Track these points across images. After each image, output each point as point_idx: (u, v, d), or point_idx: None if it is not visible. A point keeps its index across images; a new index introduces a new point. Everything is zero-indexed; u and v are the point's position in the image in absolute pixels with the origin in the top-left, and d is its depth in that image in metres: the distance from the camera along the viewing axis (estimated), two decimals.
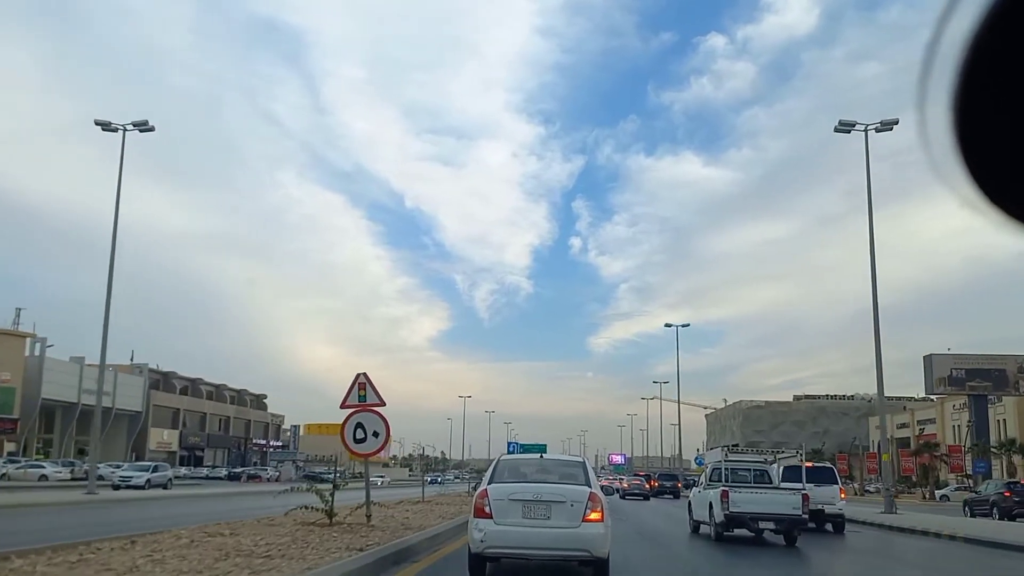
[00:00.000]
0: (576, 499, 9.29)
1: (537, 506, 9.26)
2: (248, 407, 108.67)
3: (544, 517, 9.22)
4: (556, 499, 9.31)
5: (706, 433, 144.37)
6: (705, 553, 15.10)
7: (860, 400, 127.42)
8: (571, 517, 9.17)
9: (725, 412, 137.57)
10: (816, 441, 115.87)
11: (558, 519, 9.17)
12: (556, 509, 9.24)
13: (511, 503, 9.33)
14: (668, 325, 62.20)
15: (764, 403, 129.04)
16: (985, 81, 1.15)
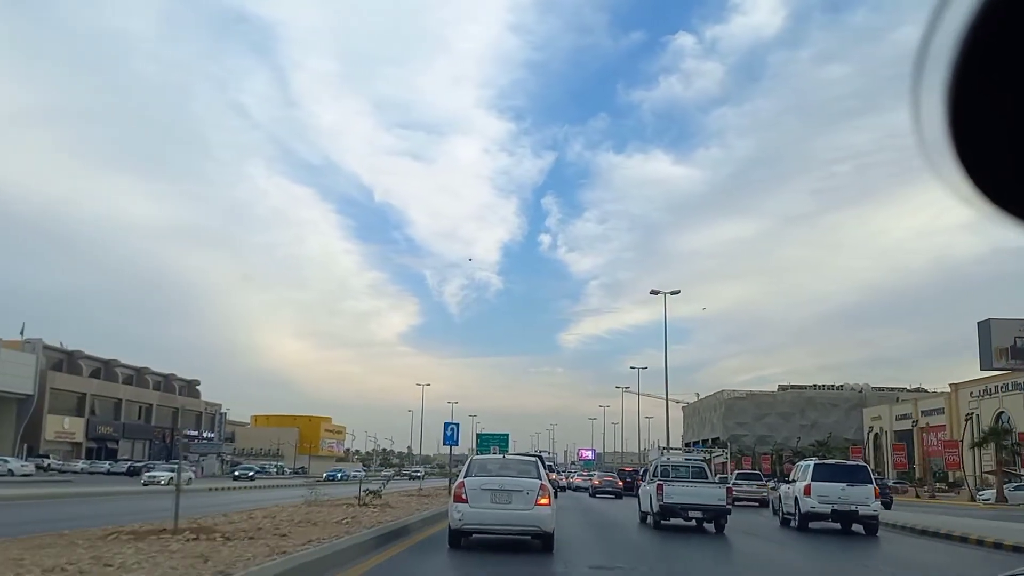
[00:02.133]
0: (530, 489, 12.86)
1: (501, 494, 12.78)
2: (177, 394, 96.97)
3: (507, 502, 12.71)
4: (515, 489, 12.86)
5: (683, 426, 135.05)
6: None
7: (850, 391, 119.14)
8: (526, 502, 12.70)
9: (704, 404, 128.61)
10: (804, 434, 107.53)
11: (517, 503, 12.70)
12: (515, 496, 12.76)
13: (482, 492, 12.82)
14: (655, 292, 52.02)
15: (747, 393, 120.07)
16: (980, 74, 1.14)
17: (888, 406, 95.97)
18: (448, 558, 12.12)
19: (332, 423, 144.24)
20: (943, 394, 78.74)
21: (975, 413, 65.40)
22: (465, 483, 13.06)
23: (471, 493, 12.83)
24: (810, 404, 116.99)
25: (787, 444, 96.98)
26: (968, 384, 70.20)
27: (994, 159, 1.21)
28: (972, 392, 69.19)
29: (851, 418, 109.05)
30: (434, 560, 11.85)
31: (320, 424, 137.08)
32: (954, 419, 73.28)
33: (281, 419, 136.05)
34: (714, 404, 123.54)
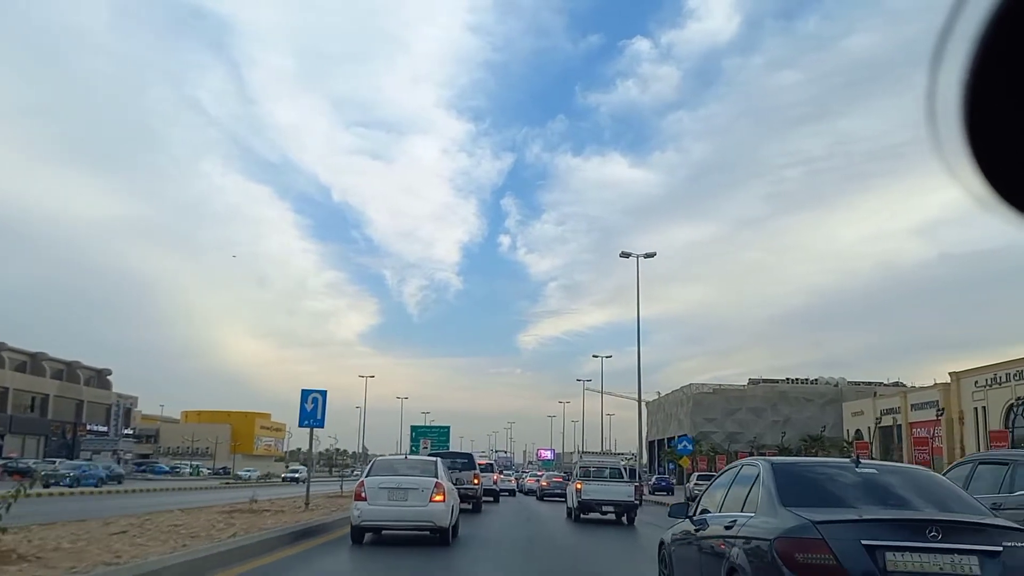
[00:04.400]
0: (425, 487, 13.57)
1: (398, 492, 13.50)
2: (83, 384, 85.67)
3: (403, 499, 13.45)
4: (411, 487, 13.58)
5: (648, 423, 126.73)
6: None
7: (825, 385, 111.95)
8: (422, 499, 13.44)
9: (671, 399, 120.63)
10: (776, 431, 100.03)
11: (413, 501, 13.45)
12: (411, 494, 13.49)
13: (380, 490, 13.52)
14: (625, 255, 43.50)
15: (717, 387, 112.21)
16: (997, 72, 1.14)
17: (871, 400, 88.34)
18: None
19: (271, 420, 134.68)
20: (938, 386, 70.84)
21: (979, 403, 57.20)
22: (365, 482, 13.74)
23: (370, 491, 13.50)
24: (783, 399, 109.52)
25: (762, 440, 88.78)
26: (973, 372, 62.37)
27: (1010, 159, 1.19)
28: (977, 381, 61.27)
29: (827, 413, 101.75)
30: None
31: (255, 421, 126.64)
32: (954, 412, 65.48)
33: (214, 415, 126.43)
34: (681, 399, 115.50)
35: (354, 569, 11.44)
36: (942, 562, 4.95)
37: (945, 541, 4.99)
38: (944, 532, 5.03)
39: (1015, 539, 5.04)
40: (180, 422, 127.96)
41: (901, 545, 5.03)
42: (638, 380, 44.02)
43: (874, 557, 4.98)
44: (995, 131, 1.17)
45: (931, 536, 5.01)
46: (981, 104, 1.15)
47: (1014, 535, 5.09)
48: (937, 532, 5.02)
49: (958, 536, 5.02)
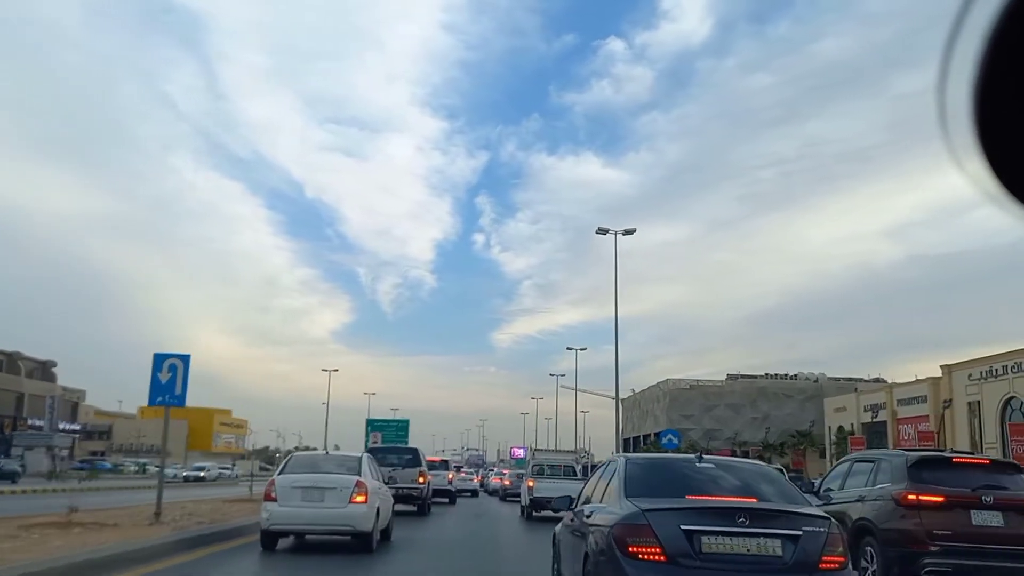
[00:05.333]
0: (344, 486, 12.07)
1: (313, 492, 12.02)
2: (23, 376, 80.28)
3: (319, 500, 11.97)
4: (329, 486, 12.09)
5: (623, 420, 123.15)
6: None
7: (805, 381, 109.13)
8: (340, 500, 11.95)
9: (647, 396, 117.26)
10: (755, 427, 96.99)
11: (330, 501, 11.96)
12: (328, 494, 12.00)
13: (293, 489, 12.03)
14: (602, 231, 39.92)
15: (694, 383, 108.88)
16: (1008, 68, 1.14)
17: (855, 396, 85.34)
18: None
19: (232, 416, 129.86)
20: (927, 380, 67.72)
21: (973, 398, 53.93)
22: (276, 481, 12.42)
23: (281, 491, 12.12)
24: (762, 395, 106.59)
25: (741, 437, 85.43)
26: (966, 365, 59.18)
27: (1021, 155, 1.18)
28: (971, 374, 58.05)
29: (806, 410, 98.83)
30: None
31: (214, 417, 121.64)
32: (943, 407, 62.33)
33: (173, 411, 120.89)
34: (657, 395, 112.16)
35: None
36: (749, 544, 5.76)
37: (752, 527, 5.78)
38: (752, 519, 5.82)
39: (813, 525, 5.90)
40: (136, 418, 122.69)
41: (714, 530, 5.78)
42: (615, 361, 40.11)
43: (691, 541, 5.73)
44: (1005, 127, 1.16)
45: (740, 522, 5.78)
46: (991, 100, 1.13)
47: (812, 521, 5.94)
48: (746, 519, 5.80)
49: (765, 522, 5.82)
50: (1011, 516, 8.77)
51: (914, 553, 8.70)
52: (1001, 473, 9.54)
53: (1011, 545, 8.61)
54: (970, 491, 8.94)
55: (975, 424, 56.51)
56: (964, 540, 8.65)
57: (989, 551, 8.59)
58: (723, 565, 5.64)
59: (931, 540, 8.68)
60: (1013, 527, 8.70)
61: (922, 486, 9.04)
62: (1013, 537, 8.64)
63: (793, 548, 5.69)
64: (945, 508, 8.84)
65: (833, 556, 5.74)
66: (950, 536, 8.68)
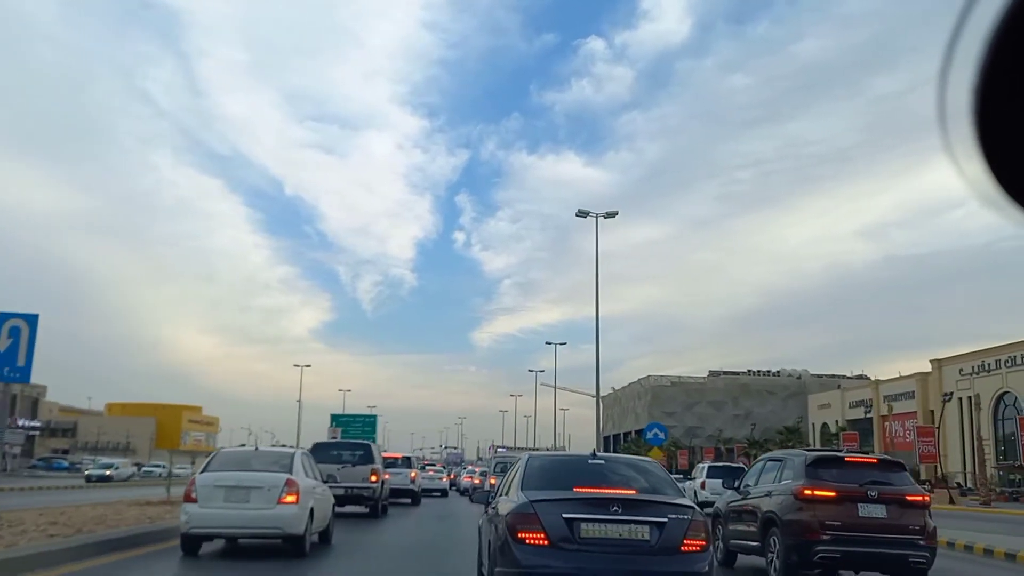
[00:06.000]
0: (272, 484, 10.99)
1: (237, 491, 10.95)
2: None
3: (243, 500, 10.91)
4: (254, 485, 11.01)
5: (603, 418, 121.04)
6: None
7: (788, 377, 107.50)
8: (267, 500, 10.89)
9: (628, 392, 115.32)
10: (737, 425, 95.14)
11: (256, 502, 10.90)
12: (254, 493, 10.94)
13: (215, 489, 10.95)
14: (582, 213, 37.90)
15: (676, 379, 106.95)
16: (1009, 71, 1.14)
17: (839, 392, 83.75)
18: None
19: (202, 414, 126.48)
20: (914, 375, 65.96)
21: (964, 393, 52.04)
22: (197, 479, 11.32)
23: (202, 491, 11.05)
24: (744, 391, 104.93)
25: (724, 434, 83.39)
26: (957, 359, 57.42)
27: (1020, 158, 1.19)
28: (962, 369, 56.29)
29: (789, 407, 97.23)
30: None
31: (183, 414, 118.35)
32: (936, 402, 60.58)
33: (140, 408, 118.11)
34: (639, 392, 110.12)
35: None
36: (621, 530, 6.54)
37: (625, 515, 6.55)
38: (625, 508, 6.60)
39: (678, 513, 6.68)
40: (103, 415, 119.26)
41: (591, 518, 6.54)
42: (596, 349, 37.90)
43: (571, 527, 6.48)
44: (1005, 130, 1.16)
45: (614, 511, 6.56)
46: (991, 103, 1.13)
47: (678, 510, 6.72)
48: (619, 508, 6.58)
49: (635, 511, 6.59)
50: (892, 508, 9.82)
51: (809, 541, 9.70)
52: (887, 471, 10.53)
53: (892, 534, 9.74)
54: (858, 486, 9.94)
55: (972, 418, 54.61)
56: (852, 530, 9.69)
57: (873, 539, 9.69)
58: (598, 548, 6.37)
59: (823, 530, 9.69)
60: (894, 518, 9.78)
61: (817, 482, 10.02)
62: (894, 527, 9.75)
63: (659, 533, 6.43)
64: (836, 502, 9.85)
65: (694, 540, 6.48)
66: (840, 526, 9.70)
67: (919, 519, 9.91)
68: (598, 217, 37.64)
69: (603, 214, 38.01)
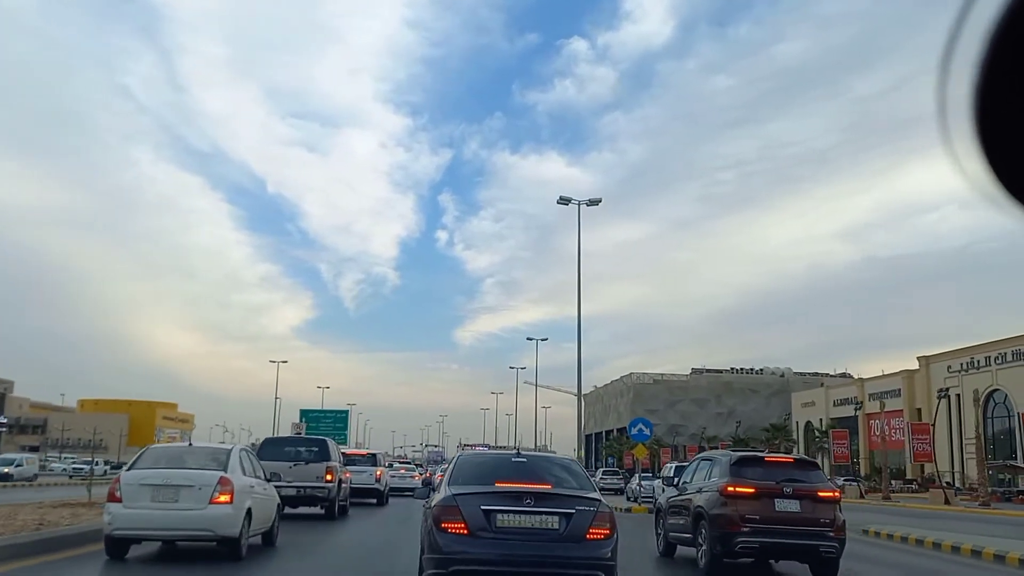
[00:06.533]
0: (204, 483, 10.19)
1: (165, 490, 10.14)
2: None
3: (172, 500, 10.11)
4: (184, 483, 10.20)
5: (585, 416, 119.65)
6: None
7: (771, 376, 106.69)
8: (198, 500, 10.10)
9: (610, 390, 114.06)
10: (720, 423, 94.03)
11: (186, 502, 10.10)
12: (184, 492, 10.13)
13: (141, 488, 10.14)
14: (564, 200, 36.78)
15: (659, 377, 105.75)
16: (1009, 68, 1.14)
17: (823, 390, 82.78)
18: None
19: (177, 411, 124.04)
20: (900, 373, 64.93)
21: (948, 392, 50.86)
22: (122, 477, 10.50)
23: (127, 490, 10.22)
24: (727, 389, 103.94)
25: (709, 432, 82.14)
26: (944, 356, 56.40)
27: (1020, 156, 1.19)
28: (950, 366, 55.25)
29: (772, 405, 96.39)
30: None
31: (156, 411, 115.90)
32: (923, 399, 59.52)
33: (113, 404, 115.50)
34: (621, 389, 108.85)
35: None
36: (533, 520, 7.23)
37: (537, 507, 7.24)
38: (537, 500, 7.28)
39: (585, 505, 7.33)
40: (75, 411, 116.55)
41: (506, 509, 7.24)
42: (578, 339, 36.29)
43: (488, 518, 7.16)
44: (1005, 129, 1.16)
45: (527, 503, 7.25)
46: (991, 102, 1.14)
47: (585, 503, 7.37)
48: (531, 500, 7.26)
49: (546, 503, 7.26)
50: (805, 503, 10.65)
51: (731, 533, 10.51)
52: (801, 469, 11.43)
53: (804, 526, 10.57)
54: (775, 484, 10.79)
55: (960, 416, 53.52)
56: (769, 523, 10.53)
57: (787, 531, 10.55)
58: (512, 536, 7.09)
59: (743, 523, 10.50)
60: (806, 512, 10.60)
61: (740, 480, 10.84)
62: (806, 520, 10.58)
63: (567, 523, 7.18)
64: (755, 497, 10.65)
65: (599, 529, 7.21)
66: (758, 519, 10.52)
67: (830, 513, 10.79)
68: (580, 204, 36.11)
69: (585, 201, 36.50)
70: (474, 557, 6.97)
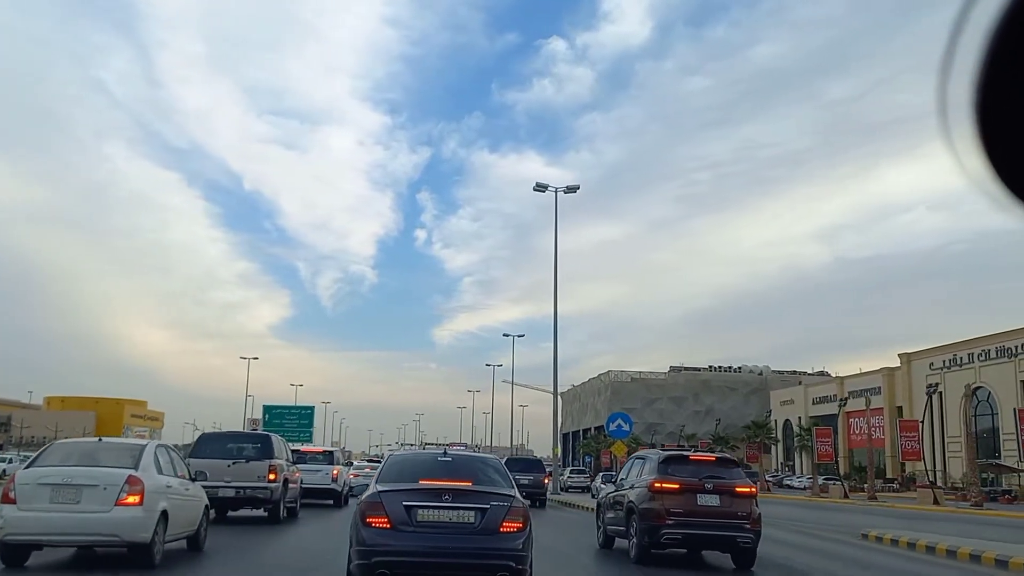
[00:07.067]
0: (110, 482, 9.27)
1: (66, 490, 9.21)
2: None
3: (73, 501, 9.18)
4: (88, 482, 9.26)
5: (562, 414, 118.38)
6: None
7: (749, 374, 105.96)
8: (103, 501, 9.17)
9: (587, 388, 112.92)
10: (698, 421, 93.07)
11: (89, 503, 9.16)
12: (87, 493, 9.21)
13: (39, 487, 9.24)
14: (540, 187, 35.16)
15: (637, 375, 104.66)
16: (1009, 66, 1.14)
17: (802, 388, 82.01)
18: None
19: (147, 408, 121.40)
20: (881, 370, 64.09)
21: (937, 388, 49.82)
22: (17, 476, 9.56)
23: (22, 490, 9.25)
24: (705, 388, 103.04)
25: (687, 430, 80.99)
26: (927, 353, 55.58)
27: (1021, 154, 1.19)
28: (932, 363, 54.42)
29: (751, 403, 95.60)
30: None
31: (125, 408, 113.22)
32: (904, 397, 58.63)
33: (81, 401, 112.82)
34: (598, 388, 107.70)
35: None
36: (451, 515, 7.61)
37: (454, 502, 7.62)
38: (454, 496, 7.66)
39: (499, 501, 7.75)
40: (41, 409, 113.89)
41: (425, 505, 7.62)
42: (554, 333, 34.91)
43: (409, 513, 7.55)
44: (1007, 128, 1.16)
45: (445, 499, 7.63)
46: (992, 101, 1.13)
47: (500, 498, 7.79)
48: (449, 496, 7.64)
49: (463, 499, 7.64)
50: (725, 498, 11.55)
51: (657, 526, 11.42)
52: (722, 467, 12.34)
53: (723, 519, 11.51)
54: (698, 480, 11.68)
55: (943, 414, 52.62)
56: (691, 516, 11.46)
57: (708, 523, 11.49)
58: (431, 530, 7.49)
59: (668, 516, 11.41)
60: (725, 506, 11.51)
61: (666, 477, 11.74)
62: (725, 513, 11.49)
63: (482, 517, 7.55)
64: (679, 493, 11.56)
65: (512, 523, 7.60)
66: (681, 513, 11.43)
67: (747, 507, 11.57)
68: (557, 191, 34.69)
69: (563, 188, 35.13)
70: (395, 549, 7.37)
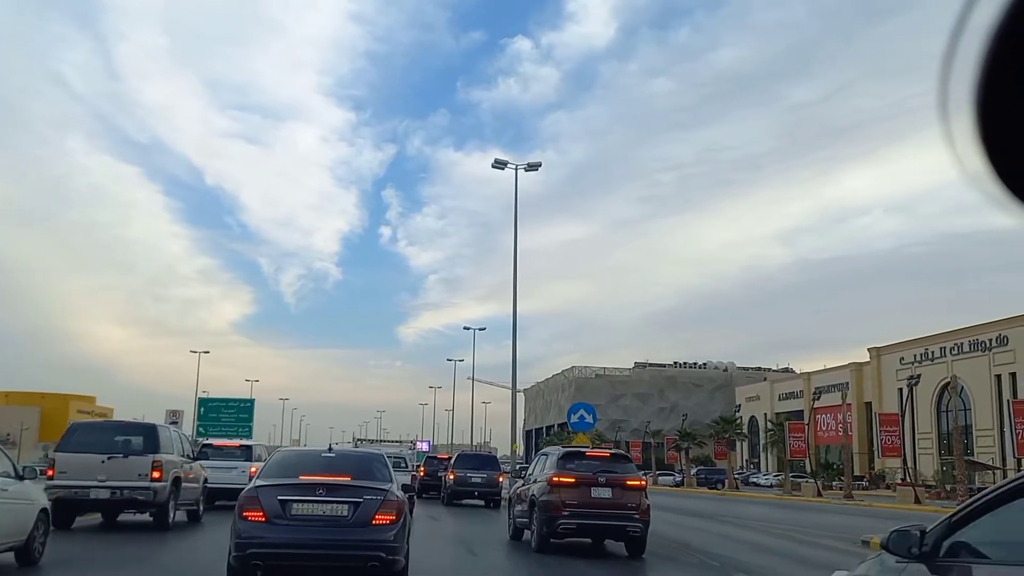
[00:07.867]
0: None
1: None
2: None
3: None
4: None
5: (526, 411, 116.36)
6: None
7: (714, 370, 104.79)
8: None
9: (551, 384, 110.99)
10: (662, 418, 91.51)
11: None
12: None
13: None
14: (499, 164, 32.82)
15: (601, 371, 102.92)
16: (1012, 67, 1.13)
17: (767, 385, 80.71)
18: None
19: (95, 404, 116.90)
20: (848, 365, 62.75)
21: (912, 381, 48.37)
22: None
23: None
24: (670, 384, 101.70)
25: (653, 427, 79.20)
26: (897, 347, 54.20)
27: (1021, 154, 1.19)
28: (903, 358, 53.04)
29: (716, 400, 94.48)
30: None
31: (69, 404, 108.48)
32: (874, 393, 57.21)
33: (26, 397, 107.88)
34: (562, 384, 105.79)
35: None
36: (324, 508, 7.94)
37: (328, 496, 7.96)
38: (328, 491, 8.00)
39: (373, 495, 8.06)
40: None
41: (299, 499, 7.94)
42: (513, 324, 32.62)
43: (284, 506, 7.86)
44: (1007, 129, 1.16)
45: (319, 493, 7.97)
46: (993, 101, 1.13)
47: (373, 492, 8.10)
48: (323, 491, 7.99)
49: (337, 493, 7.98)
50: (616, 490, 12.57)
51: (554, 516, 12.34)
52: (615, 462, 13.49)
53: (614, 509, 12.44)
54: (592, 474, 12.72)
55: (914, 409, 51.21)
56: (585, 507, 12.41)
57: (600, 513, 12.44)
58: (304, 523, 7.82)
59: (564, 507, 12.34)
60: (616, 498, 12.51)
61: (564, 471, 12.76)
62: (616, 504, 12.46)
63: (355, 510, 7.89)
64: (575, 486, 12.55)
65: (384, 515, 7.95)
66: (576, 504, 12.38)
67: (636, 499, 12.50)
68: (517, 169, 32.45)
69: (524, 166, 32.78)
70: (268, 541, 7.63)
